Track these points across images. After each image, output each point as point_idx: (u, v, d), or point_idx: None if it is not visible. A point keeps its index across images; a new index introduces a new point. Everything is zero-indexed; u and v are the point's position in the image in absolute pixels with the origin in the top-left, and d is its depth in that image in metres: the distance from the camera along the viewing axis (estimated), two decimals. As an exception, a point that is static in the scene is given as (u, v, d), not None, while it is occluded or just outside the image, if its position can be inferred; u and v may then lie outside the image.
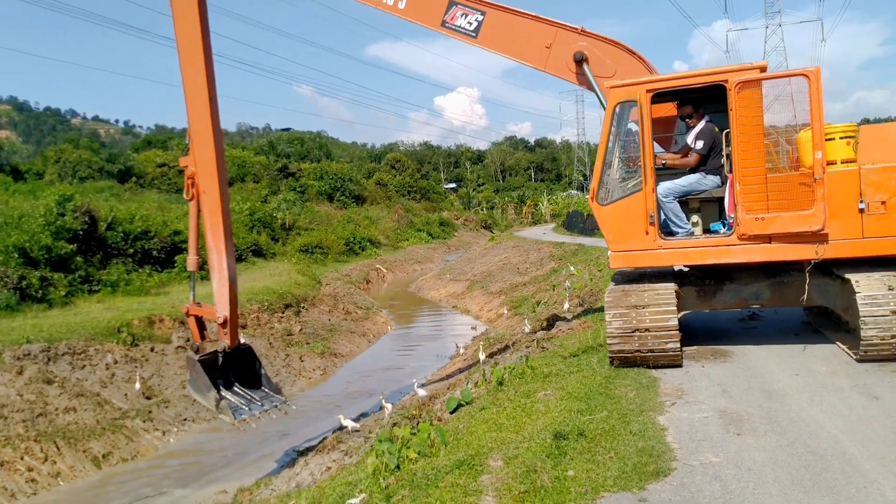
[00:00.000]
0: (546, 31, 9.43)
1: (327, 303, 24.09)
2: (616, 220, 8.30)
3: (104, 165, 47.28)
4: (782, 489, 4.68)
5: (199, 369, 9.80)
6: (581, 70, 9.23)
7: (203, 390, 9.81)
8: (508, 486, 5.03)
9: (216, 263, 10.14)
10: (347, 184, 57.83)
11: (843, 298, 7.96)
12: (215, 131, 10.11)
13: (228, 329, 10.07)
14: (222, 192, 10.17)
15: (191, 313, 10.52)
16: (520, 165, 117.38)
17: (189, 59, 10.03)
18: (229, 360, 10.24)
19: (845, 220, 7.60)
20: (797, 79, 7.70)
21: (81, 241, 22.20)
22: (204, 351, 10.23)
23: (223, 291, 10.07)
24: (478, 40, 9.72)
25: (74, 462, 11.28)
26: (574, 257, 25.35)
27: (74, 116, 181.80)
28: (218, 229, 10.11)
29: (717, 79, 7.90)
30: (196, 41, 9.94)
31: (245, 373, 10.46)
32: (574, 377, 8.20)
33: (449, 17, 9.75)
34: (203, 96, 10.02)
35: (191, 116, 10.22)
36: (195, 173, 10.17)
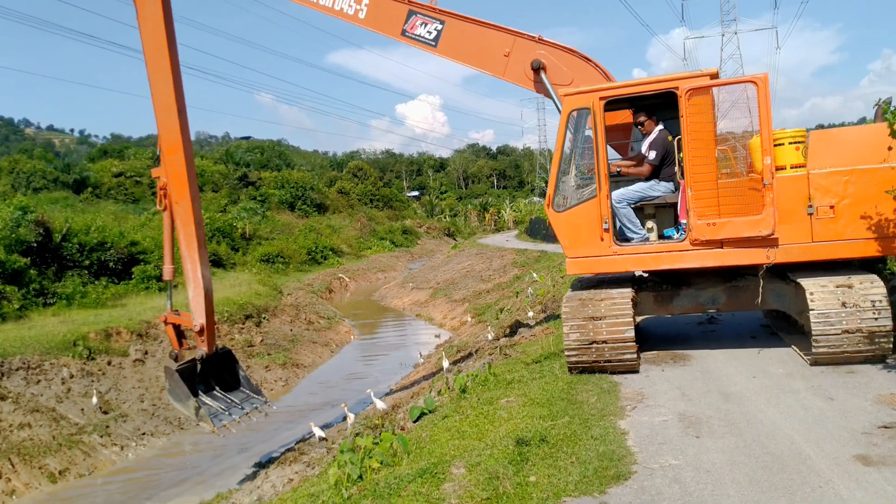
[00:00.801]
0: (504, 39, 9.52)
1: (289, 313, 23.88)
2: (572, 227, 8.34)
3: (59, 176, 46.48)
4: (740, 490, 4.75)
5: (178, 378, 9.85)
6: (539, 78, 9.32)
7: (182, 399, 9.88)
8: (471, 494, 5.02)
9: (190, 273, 10.28)
10: (309, 192, 57.49)
11: (797, 302, 8.03)
12: (185, 142, 10.22)
13: (205, 336, 10.16)
14: (194, 202, 10.28)
15: (168, 322, 10.65)
16: (482, 173, 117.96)
17: (157, 71, 10.09)
18: (208, 365, 10.35)
19: (795, 224, 7.67)
20: (744, 94, 7.85)
21: (36, 254, 21.72)
22: (182, 359, 10.31)
23: (199, 300, 10.19)
24: (437, 49, 9.78)
25: (30, 479, 11.01)
26: (537, 264, 25.49)
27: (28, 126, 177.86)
28: (191, 239, 10.24)
29: (669, 86, 7.98)
30: (163, 53, 9.99)
31: (225, 376, 10.62)
32: (536, 383, 8.23)
33: (409, 26, 9.81)
34: (172, 108, 10.11)
35: (161, 128, 10.29)
36: (167, 184, 10.26)
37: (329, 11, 10.13)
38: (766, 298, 8.18)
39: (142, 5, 10.14)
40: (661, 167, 8.71)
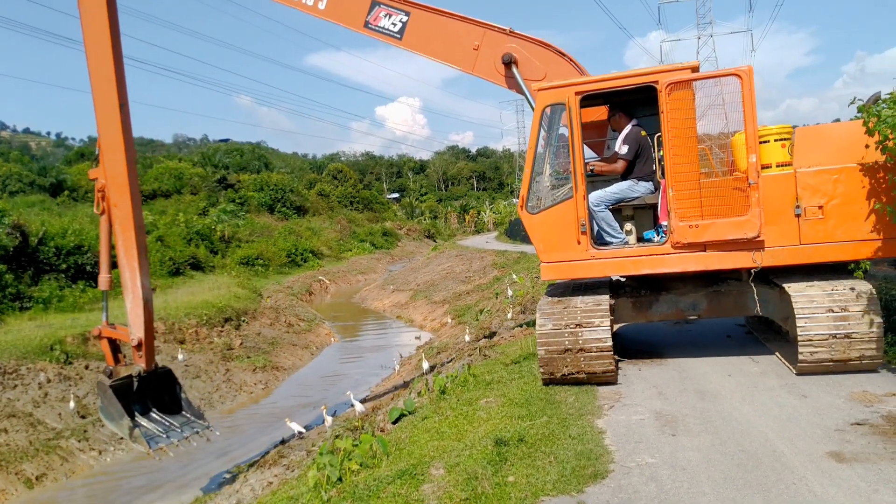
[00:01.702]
0: (474, 31, 9.12)
1: (269, 316, 23.78)
2: (547, 230, 7.98)
3: (35, 179, 45.97)
4: (715, 488, 4.81)
5: (111, 395, 9.21)
6: (510, 73, 8.91)
7: (116, 418, 9.24)
8: (450, 494, 5.05)
9: (129, 282, 9.60)
10: (288, 195, 57.29)
11: (782, 308, 7.73)
12: (126, 141, 9.57)
13: (144, 351, 9.53)
14: (134, 206, 9.61)
15: (103, 335, 9.89)
16: (462, 175, 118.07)
17: (98, 64, 9.44)
18: (146, 384, 9.69)
19: (781, 226, 7.36)
20: (730, 86, 7.49)
21: (12, 258, 21.49)
22: (118, 375, 9.64)
23: (137, 312, 9.54)
24: (402, 42, 9.35)
25: (6, 484, 10.88)
26: (516, 265, 25.58)
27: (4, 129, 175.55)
28: (130, 246, 9.58)
29: (648, 80, 7.63)
30: (105, 45, 9.35)
31: (164, 397, 9.93)
32: (515, 384, 8.27)
33: (372, 17, 9.39)
34: (113, 104, 9.46)
35: (100, 125, 9.66)
36: (105, 186, 9.63)
37: (287, 2, 9.63)
38: (750, 304, 7.93)
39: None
40: (635, 164, 8.40)
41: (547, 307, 7.71)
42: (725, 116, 7.94)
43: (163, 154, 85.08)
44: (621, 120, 8.65)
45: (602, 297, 7.69)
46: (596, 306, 7.57)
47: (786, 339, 8.33)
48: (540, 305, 7.80)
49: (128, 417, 9.20)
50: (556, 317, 7.57)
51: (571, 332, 7.47)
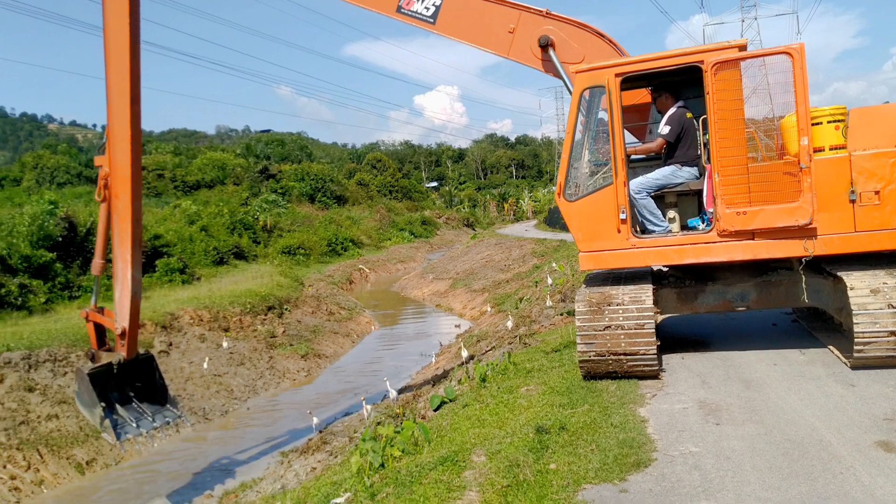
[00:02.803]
0: (509, 14, 8.79)
1: (310, 304, 24.05)
2: (585, 218, 7.66)
3: (82, 171, 46.97)
4: (760, 477, 4.75)
5: (87, 382, 9.38)
6: (547, 56, 8.54)
7: (89, 405, 9.41)
8: (491, 481, 5.06)
9: (120, 273, 9.77)
10: (329, 184, 57.75)
11: (836, 299, 7.35)
12: (134, 135, 9.64)
13: (126, 340, 9.70)
14: (134, 199, 9.70)
15: (90, 319, 10.09)
16: (501, 163, 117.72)
17: (115, 56, 9.50)
18: (126, 371, 9.87)
19: (835, 212, 6.96)
20: (778, 66, 7.13)
21: (61, 248, 22.03)
22: (99, 360, 9.83)
23: (124, 302, 9.70)
24: (436, 26, 9.04)
25: (58, 469, 11.20)
26: (556, 253, 25.48)
27: (51, 122, 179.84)
28: (125, 237, 9.72)
29: (692, 59, 7.27)
30: (124, 39, 9.42)
31: (145, 384, 10.12)
32: (556, 372, 8.25)
33: (405, 2, 9.07)
34: (125, 97, 9.52)
35: (111, 116, 9.75)
36: (109, 175, 9.72)
37: None
38: (802, 294, 7.54)
39: None
40: (677, 147, 8.00)
41: (587, 298, 7.43)
42: (771, 99, 7.65)
43: (206, 145, 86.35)
44: (667, 101, 8.30)
45: (645, 288, 7.38)
46: (639, 297, 7.27)
47: (837, 329, 8.04)
48: (579, 296, 7.53)
49: (99, 406, 9.34)
50: (597, 309, 7.29)
51: (613, 326, 7.19)
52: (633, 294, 7.30)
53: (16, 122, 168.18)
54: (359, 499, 5.73)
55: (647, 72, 7.61)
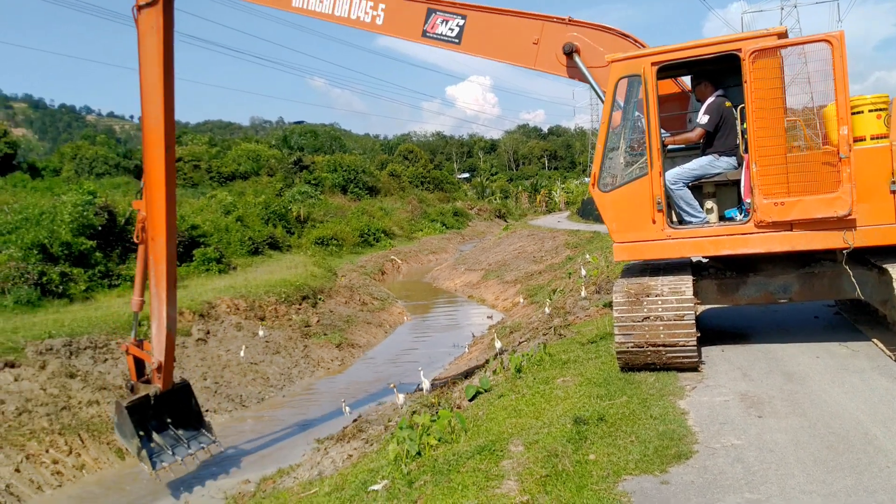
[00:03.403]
0: (532, 26, 8.87)
1: (343, 294, 24.20)
2: (620, 209, 7.62)
3: (120, 161, 47.69)
4: (805, 470, 4.69)
5: (125, 415, 9.90)
6: (572, 62, 8.59)
7: (127, 436, 9.95)
8: (530, 471, 5.06)
9: (156, 310, 10.30)
10: (361, 175, 57.98)
11: (881, 291, 7.17)
12: (168, 181, 10.16)
13: (163, 374, 10.24)
14: (169, 241, 10.24)
15: (129, 352, 10.62)
16: (533, 154, 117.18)
17: (152, 103, 10.08)
18: (164, 400, 10.41)
19: (876, 203, 6.79)
20: (814, 59, 7.00)
21: (101, 237, 22.43)
22: (137, 391, 10.37)
23: (160, 338, 10.24)
24: (462, 46, 9.16)
25: (99, 454, 11.42)
26: (589, 244, 25.30)
27: (89, 113, 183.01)
28: (161, 278, 10.25)
29: (729, 48, 7.16)
30: (159, 85, 9.97)
31: (182, 410, 10.68)
32: (592, 363, 8.20)
33: (429, 26, 9.25)
34: (160, 145, 10.09)
35: (146, 162, 10.35)
36: (146, 218, 10.29)
37: (346, 22, 9.66)
38: (846, 286, 7.39)
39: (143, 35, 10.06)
40: (715, 137, 7.87)
41: (625, 289, 7.33)
42: (810, 88, 7.50)
43: (240, 136, 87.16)
44: (706, 89, 8.18)
45: (685, 279, 7.26)
46: (678, 288, 7.17)
47: (881, 322, 7.89)
48: (616, 287, 7.44)
49: (136, 438, 9.92)
50: (635, 300, 7.24)
51: (652, 317, 7.10)
52: (672, 285, 7.21)
53: (55, 114, 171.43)
54: (396, 486, 5.77)
55: (684, 60, 7.52)
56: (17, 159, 44.36)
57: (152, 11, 9.91)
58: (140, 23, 10.04)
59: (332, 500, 6.34)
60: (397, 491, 5.62)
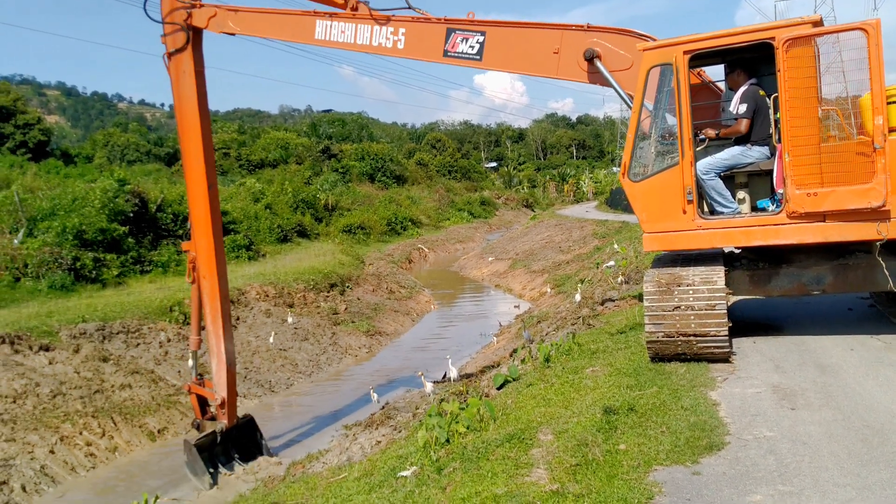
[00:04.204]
0: (551, 36, 8.83)
1: (371, 282, 24.31)
2: (650, 198, 7.54)
3: (151, 149, 48.23)
4: (838, 463, 4.64)
5: (195, 453, 10.03)
6: (594, 68, 8.52)
7: (198, 473, 10.06)
8: (560, 460, 5.06)
9: (214, 347, 10.46)
10: (388, 164, 58.09)
11: None
12: (213, 219, 10.40)
13: (227, 409, 10.37)
14: (220, 278, 10.44)
15: (192, 391, 10.77)
16: (561, 143, 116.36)
17: (191, 148, 10.32)
18: (229, 434, 10.52)
19: None
20: (849, 47, 6.87)
21: (133, 223, 22.73)
22: (204, 429, 10.50)
23: (221, 374, 10.39)
24: (483, 63, 9.14)
25: (131, 437, 11.62)
26: (618, 235, 25.12)
27: (121, 100, 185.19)
28: (216, 315, 10.42)
29: (763, 36, 7.03)
30: (196, 130, 10.21)
31: (248, 444, 10.78)
32: (622, 353, 8.16)
33: (450, 45, 9.23)
34: (202, 185, 10.31)
35: (191, 203, 10.61)
36: (196, 259, 10.48)
37: (369, 49, 9.71)
38: (881, 279, 7.22)
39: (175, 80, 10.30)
40: (751, 127, 7.71)
41: (655, 279, 7.24)
42: (844, 78, 7.38)
43: (269, 125, 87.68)
44: (740, 78, 8.04)
45: (717, 269, 7.17)
46: (710, 278, 7.07)
47: None
48: (647, 277, 7.35)
49: (208, 475, 10.06)
50: (666, 289, 7.18)
51: (683, 308, 7.00)
52: (704, 275, 7.13)
53: (87, 101, 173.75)
54: (425, 472, 5.79)
55: (717, 48, 7.41)
56: (51, 146, 45.04)
57: (182, 57, 10.21)
58: (171, 69, 10.31)
59: (361, 485, 6.39)
60: (426, 477, 5.65)
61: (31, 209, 21.77)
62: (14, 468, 9.88)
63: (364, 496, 5.93)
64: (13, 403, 11.31)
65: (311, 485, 7.55)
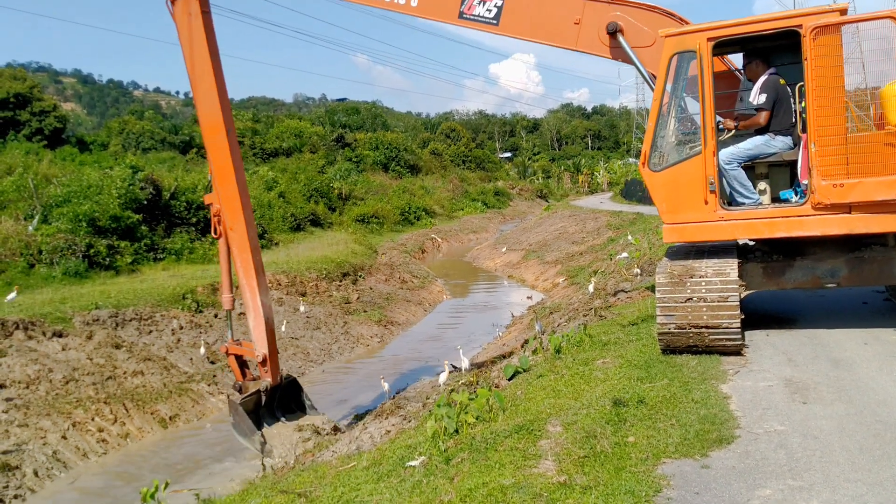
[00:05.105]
0: (573, 5, 8.56)
1: (384, 272, 24.32)
2: (671, 189, 7.41)
3: (167, 137, 48.36)
4: (850, 458, 4.58)
5: (242, 412, 9.66)
6: (616, 42, 8.33)
7: (247, 434, 9.71)
8: (568, 451, 5.03)
9: (250, 301, 10.06)
10: (402, 154, 58.03)
11: None
12: (236, 165, 9.94)
13: (269, 366, 9.97)
14: (249, 228, 9.99)
15: (230, 352, 10.34)
16: (576, 133, 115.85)
17: (203, 90, 9.89)
18: (273, 393, 10.13)
19: None
20: (869, 37, 6.84)
21: (146, 211, 22.83)
22: (247, 390, 10.07)
23: (260, 329, 9.95)
24: (500, 27, 8.88)
25: (143, 423, 11.69)
26: (632, 226, 25.00)
27: (136, 88, 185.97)
28: (248, 267, 9.99)
29: (790, 24, 6.92)
30: (209, 73, 9.81)
31: (291, 405, 10.46)
32: (633, 345, 8.11)
33: (466, 7, 8.97)
34: (220, 130, 9.87)
35: (210, 152, 10.12)
36: (220, 210, 10.00)
37: (381, 4, 9.48)
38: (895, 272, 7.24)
39: (182, 25, 9.89)
40: (771, 116, 7.58)
41: (668, 270, 7.16)
42: (864, 68, 7.28)
43: (284, 113, 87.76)
44: (759, 68, 7.89)
45: (730, 261, 7.11)
46: (723, 270, 7.00)
47: None
48: (660, 268, 7.28)
49: (258, 434, 9.65)
50: (678, 281, 7.09)
51: (696, 300, 6.93)
52: (717, 267, 7.06)
53: (103, 89, 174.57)
54: (434, 462, 5.78)
55: (741, 36, 7.29)
56: (66, 133, 45.27)
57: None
58: (177, 15, 9.95)
59: (369, 474, 6.38)
60: (434, 467, 5.63)
61: (45, 196, 21.90)
62: (27, 453, 9.96)
63: (372, 485, 5.93)
64: (26, 389, 11.40)
65: (321, 473, 7.55)
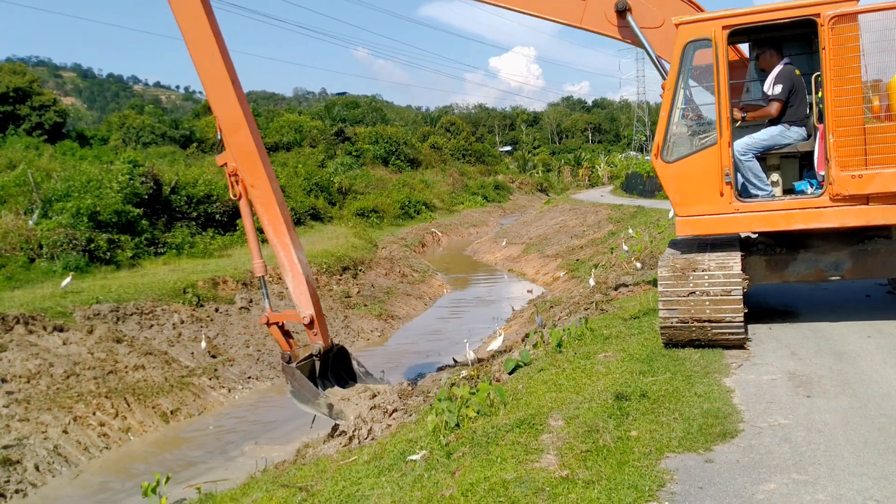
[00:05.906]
0: None
1: (384, 266, 24.28)
2: (684, 180, 7.29)
3: (167, 131, 48.29)
4: (855, 451, 4.55)
5: (301, 377, 8.96)
6: (623, 21, 8.14)
7: (311, 399, 9.04)
8: (570, 446, 5.00)
9: (285, 260, 9.30)
10: (402, 148, 57.98)
11: None
12: (247, 116, 9.20)
13: (318, 328, 9.26)
14: (272, 181, 9.25)
15: (271, 321, 9.45)
16: (577, 127, 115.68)
17: (199, 43, 9.06)
18: (325, 359, 9.43)
19: None
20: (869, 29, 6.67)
21: (147, 205, 22.80)
22: (297, 358, 9.24)
23: (301, 289, 9.23)
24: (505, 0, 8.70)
25: (144, 417, 11.67)
26: (633, 219, 24.97)
27: (137, 83, 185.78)
28: (278, 222, 9.27)
29: (808, 12, 6.83)
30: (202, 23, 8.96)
31: (341, 373, 9.83)
32: (635, 339, 8.08)
33: None
34: (225, 80, 9.07)
35: (216, 105, 9.27)
36: (237, 168, 9.19)
37: None
38: None
39: None
40: (786, 106, 7.44)
41: (670, 263, 7.09)
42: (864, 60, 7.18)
43: (283, 107, 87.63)
44: (772, 58, 7.75)
45: (733, 254, 7.04)
46: (726, 263, 6.93)
47: None
48: (662, 262, 7.20)
49: (322, 397, 9.07)
50: (681, 274, 7.02)
51: (698, 293, 6.87)
52: (719, 260, 7.01)
53: (103, 83, 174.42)
54: (434, 457, 5.75)
55: (758, 24, 7.18)
56: (66, 128, 45.22)
57: None
58: None
59: (370, 468, 6.36)
60: (436, 462, 5.61)
61: (45, 190, 21.86)
62: (28, 448, 9.94)
63: (373, 479, 5.90)
64: (27, 383, 11.38)
65: (322, 467, 7.53)
